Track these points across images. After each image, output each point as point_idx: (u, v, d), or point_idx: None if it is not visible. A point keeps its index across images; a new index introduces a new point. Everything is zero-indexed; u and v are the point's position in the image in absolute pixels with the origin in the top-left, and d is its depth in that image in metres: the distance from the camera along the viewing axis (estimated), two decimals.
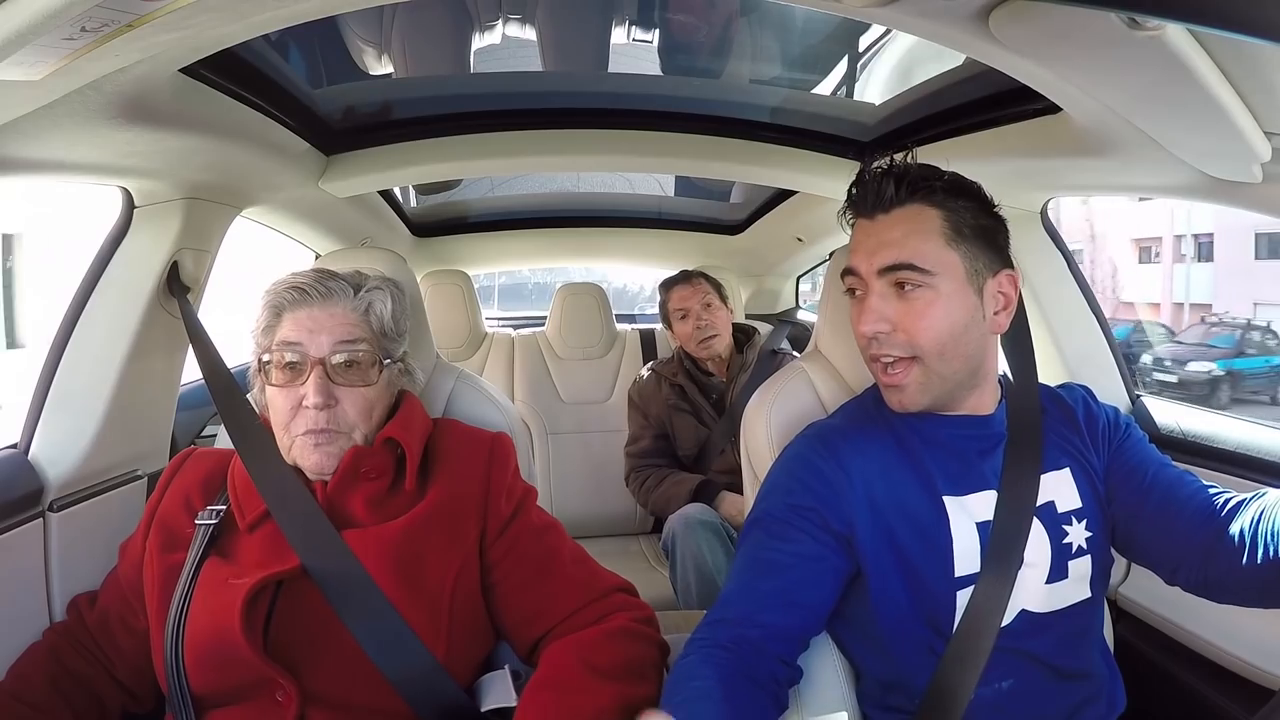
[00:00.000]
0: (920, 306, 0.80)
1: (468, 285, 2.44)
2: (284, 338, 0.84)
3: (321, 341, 0.84)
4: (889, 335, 0.81)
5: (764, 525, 0.84)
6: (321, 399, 0.82)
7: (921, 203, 0.82)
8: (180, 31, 0.71)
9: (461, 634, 0.84)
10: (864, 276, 0.83)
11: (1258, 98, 0.70)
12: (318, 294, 0.86)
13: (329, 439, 0.83)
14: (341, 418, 0.84)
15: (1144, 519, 0.85)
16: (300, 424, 0.83)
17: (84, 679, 0.85)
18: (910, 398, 0.83)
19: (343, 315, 0.86)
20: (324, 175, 1.52)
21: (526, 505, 0.91)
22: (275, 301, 0.87)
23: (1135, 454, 0.89)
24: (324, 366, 0.83)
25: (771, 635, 0.78)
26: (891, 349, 0.82)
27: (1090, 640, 0.87)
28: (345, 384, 0.84)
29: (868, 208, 0.84)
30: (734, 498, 1.79)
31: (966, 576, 0.81)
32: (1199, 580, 0.81)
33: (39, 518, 0.97)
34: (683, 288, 2.03)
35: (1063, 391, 0.95)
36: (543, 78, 1.56)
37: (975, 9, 0.69)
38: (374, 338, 0.88)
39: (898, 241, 0.81)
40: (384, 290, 0.90)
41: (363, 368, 0.86)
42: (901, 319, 0.81)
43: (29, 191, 1.49)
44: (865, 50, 1.37)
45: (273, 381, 0.84)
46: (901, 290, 0.81)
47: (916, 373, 0.82)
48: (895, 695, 0.84)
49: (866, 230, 0.84)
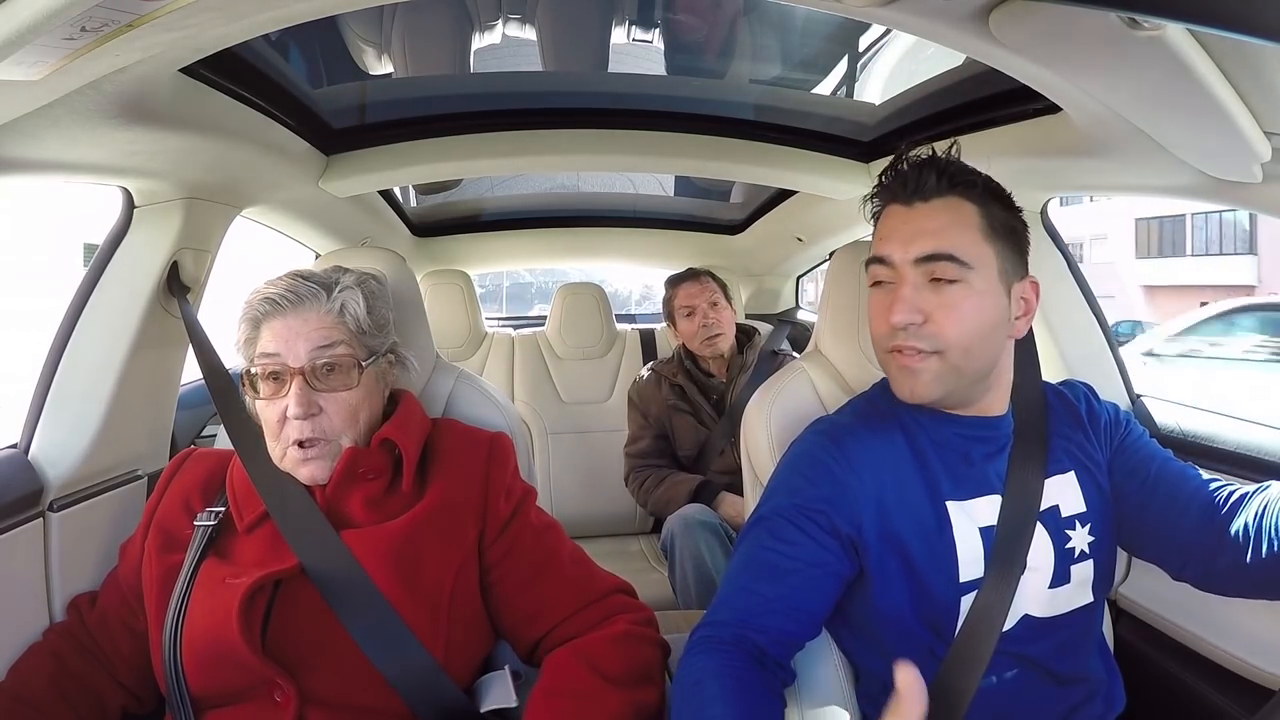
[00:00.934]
0: (954, 300, 0.78)
1: (468, 285, 2.44)
2: (263, 350, 0.84)
3: (299, 350, 0.83)
4: (918, 328, 0.78)
5: (768, 524, 0.82)
6: (303, 410, 0.82)
7: (961, 196, 0.80)
8: (180, 31, 0.71)
9: (461, 634, 0.84)
10: (897, 265, 0.80)
11: (1258, 98, 0.70)
12: (288, 302, 0.85)
13: (318, 449, 0.83)
14: (326, 425, 0.84)
15: (1150, 515, 0.84)
16: (288, 433, 0.84)
17: (85, 680, 0.85)
18: (923, 386, 0.80)
19: (317, 320, 0.85)
20: (324, 175, 1.52)
21: (526, 505, 0.91)
22: (252, 314, 0.86)
23: (1137, 450, 0.88)
24: (304, 376, 0.83)
25: (772, 640, 0.77)
26: (917, 341, 0.79)
27: (1090, 644, 0.87)
28: (327, 389, 0.84)
29: (907, 194, 0.81)
30: (733, 498, 1.79)
31: (971, 581, 0.80)
32: (1205, 574, 0.81)
33: (39, 518, 0.97)
34: (690, 285, 2.02)
35: (1065, 389, 0.94)
36: (543, 77, 1.56)
37: (975, 9, 0.69)
38: (352, 337, 0.87)
39: (938, 231, 0.79)
40: (355, 289, 0.89)
41: (343, 370, 0.85)
42: (934, 312, 0.78)
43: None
44: (865, 50, 1.37)
45: (259, 395, 0.85)
46: (936, 283, 0.78)
47: (934, 364, 0.79)
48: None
49: (902, 217, 0.81)
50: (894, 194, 0.83)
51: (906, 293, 0.79)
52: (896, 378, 0.83)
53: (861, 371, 1.03)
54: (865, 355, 1.02)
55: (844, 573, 0.82)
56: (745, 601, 0.79)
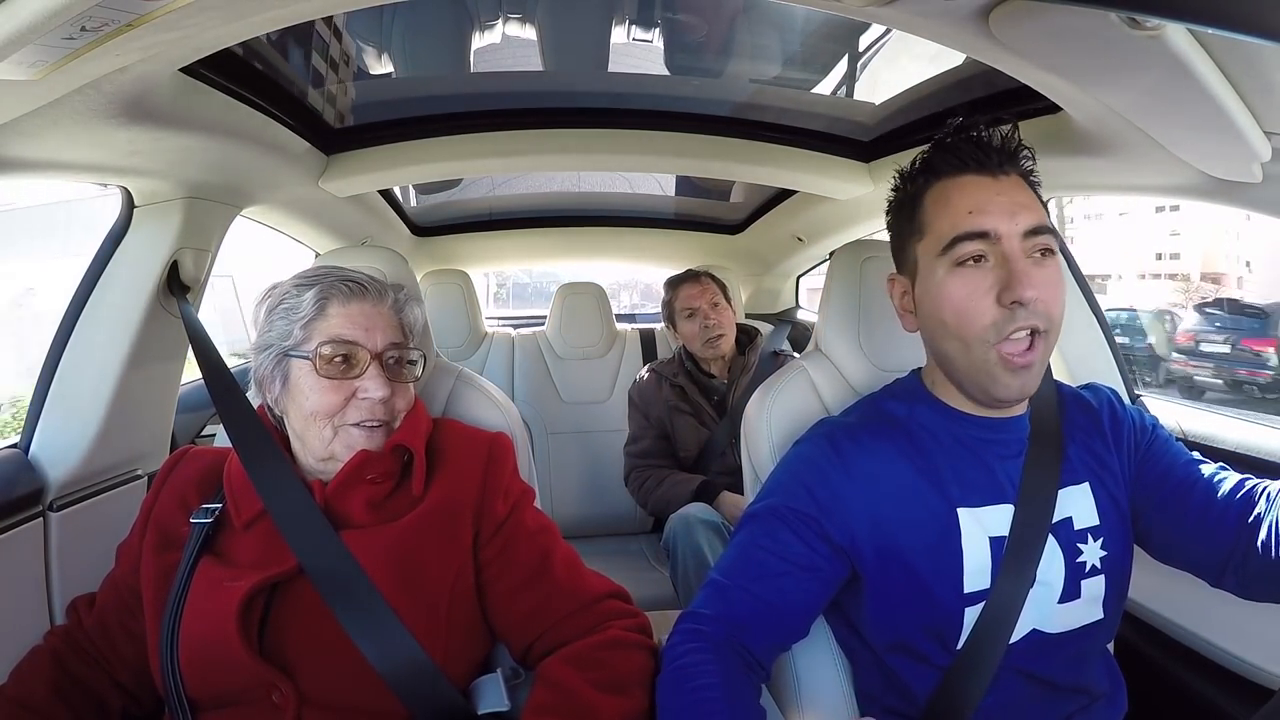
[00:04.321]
0: (1057, 275, 0.74)
1: (468, 285, 2.44)
2: (337, 333, 0.84)
3: (377, 338, 0.86)
4: (1039, 301, 0.73)
5: (762, 521, 0.82)
6: (386, 391, 0.84)
7: (1023, 176, 0.78)
8: (180, 31, 0.71)
9: (460, 636, 0.83)
10: (1003, 238, 0.73)
11: (1258, 98, 0.70)
12: (374, 291, 0.88)
13: (384, 429, 0.86)
14: (396, 407, 0.87)
15: (1188, 520, 0.80)
16: (354, 414, 0.84)
17: (86, 683, 0.85)
18: (1034, 379, 0.76)
19: (390, 315, 0.89)
20: (324, 175, 1.52)
21: (523, 506, 0.91)
22: (324, 293, 0.86)
23: (1165, 454, 0.84)
24: (380, 361, 0.85)
25: (758, 642, 0.77)
26: (1035, 319, 0.73)
27: (1096, 657, 0.84)
28: (395, 379, 0.87)
29: (994, 163, 0.76)
30: (734, 498, 1.79)
31: (977, 593, 0.77)
32: (1243, 580, 0.76)
33: (39, 517, 0.97)
34: (690, 286, 2.02)
35: (1087, 393, 0.90)
36: (543, 77, 1.56)
37: (975, 9, 0.69)
38: (407, 340, 0.91)
39: (1031, 204, 0.75)
40: (410, 300, 0.93)
41: (410, 366, 0.89)
42: (1044, 288, 0.73)
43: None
44: (865, 50, 1.37)
45: (322, 374, 0.84)
46: (1042, 256, 0.74)
47: (1041, 348, 0.75)
48: (893, 696, 0.83)
49: (993, 188, 0.75)
50: (976, 162, 0.76)
51: (1026, 267, 0.73)
52: (1007, 373, 0.75)
53: (862, 371, 1.03)
54: (866, 354, 1.02)
55: (835, 578, 0.81)
56: (734, 599, 0.79)
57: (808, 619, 0.81)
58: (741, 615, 0.78)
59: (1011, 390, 0.76)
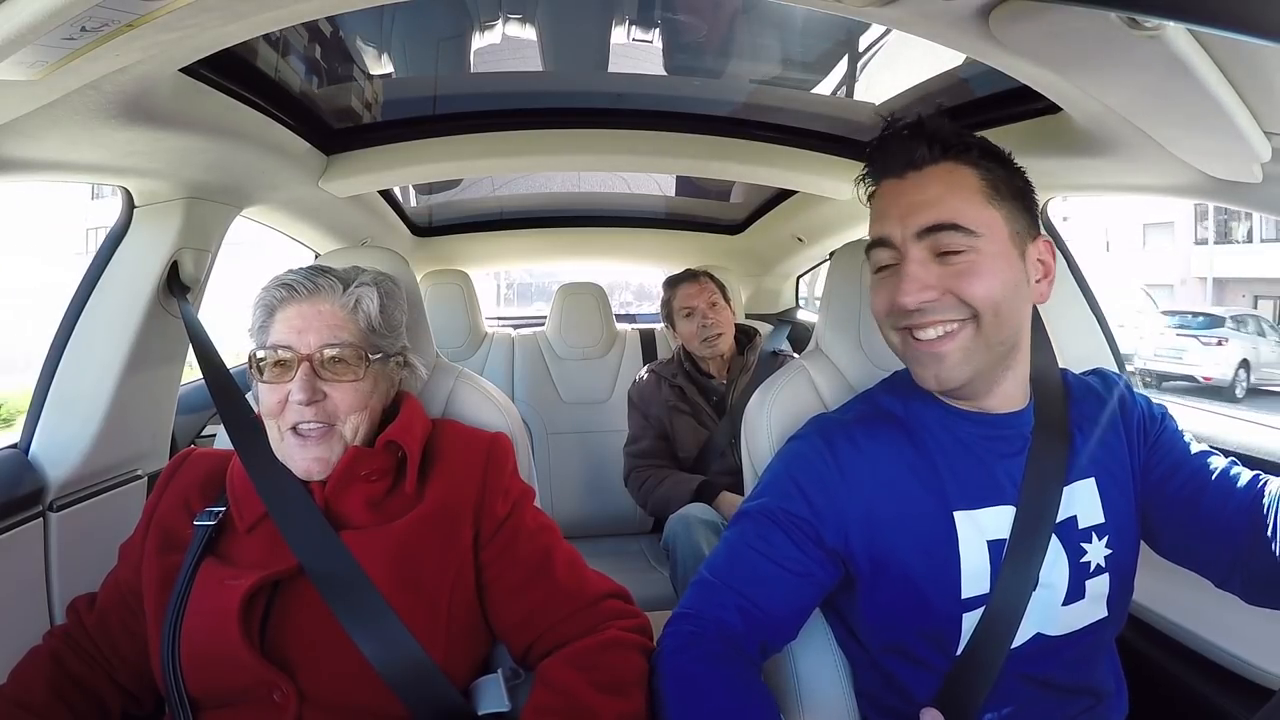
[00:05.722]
0: (967, 267, 0.72)
1: (468, 285, 2.44)
2: (275, 339, 0.85)
3: (309, 339, 0.85)
4: (935, 302, 0.72)
5: (754, 521, 0.81)
6: (306, 395, 0.83)
7: (955, 161, 0.75)
8: (180, 31, 0.71)
9: (460, 636, 0.83)
10: (899, 244, 0.74)
11: (1258, 98, 0.70)
12: (305, 290, 0.87)
13: (318, 435, 0.84)
14: (330, 409, 0.85)
15: (1201, 515, 0.77)
16: (288, 417, 0.84)
17: (86, 683, 0.85)
18: (949, 370, 0.74)
19: (330, 312, 0.87)
20: (324, 175, 1.52)
21: (523, 506, 0.91)
22: (267, 300, 0.88)
23: (1175, 446, 0.82)
24: (310, 363, 0.84)
25: (745, 641, 0.77)
26: (944, 313, 0.73)
27: (1100, 656, 0.83)
28: (333, 378, 0.85)
29: (898, 167, 0.76)
30: (734, 499, 1.78)
31: (975, 598, 0.75)
32: (1246, 583, 0.74)
33: (39, 517, 0.97)
34: (689, 286, 2.02)
35: (1095, 380, 0.87)
36: (543, 77, 1.56)
37: (975, 9, 0.69)
38: (362, 334, 0.88)
39: (936, 200, 0.73)
40: (372, 287, 0.91)
41: (349, 363, 0.86)
42: (948, 283, 0.72)
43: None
44: (865, 50, 1.37)
45: (264, 379, 0.86)
46: (942, 257, 0.73)
47: (965, 337, 0.73)
48: (893, 697, 0.83)
49: (897, 191, 0.76)
50: (885, 168, 0.77)
51: (913, 269, 0.72)
52: (920, 364, 0.76)
53: (862, 370, 1.02)
54: (866, 354, 1.02)
55: (827, 581, 0.80)
56: (725, 601, 0.78)
57: (797, 623, 0.81)
58: (730, 617, 0.77)
59: (928, 380, 0.76)
